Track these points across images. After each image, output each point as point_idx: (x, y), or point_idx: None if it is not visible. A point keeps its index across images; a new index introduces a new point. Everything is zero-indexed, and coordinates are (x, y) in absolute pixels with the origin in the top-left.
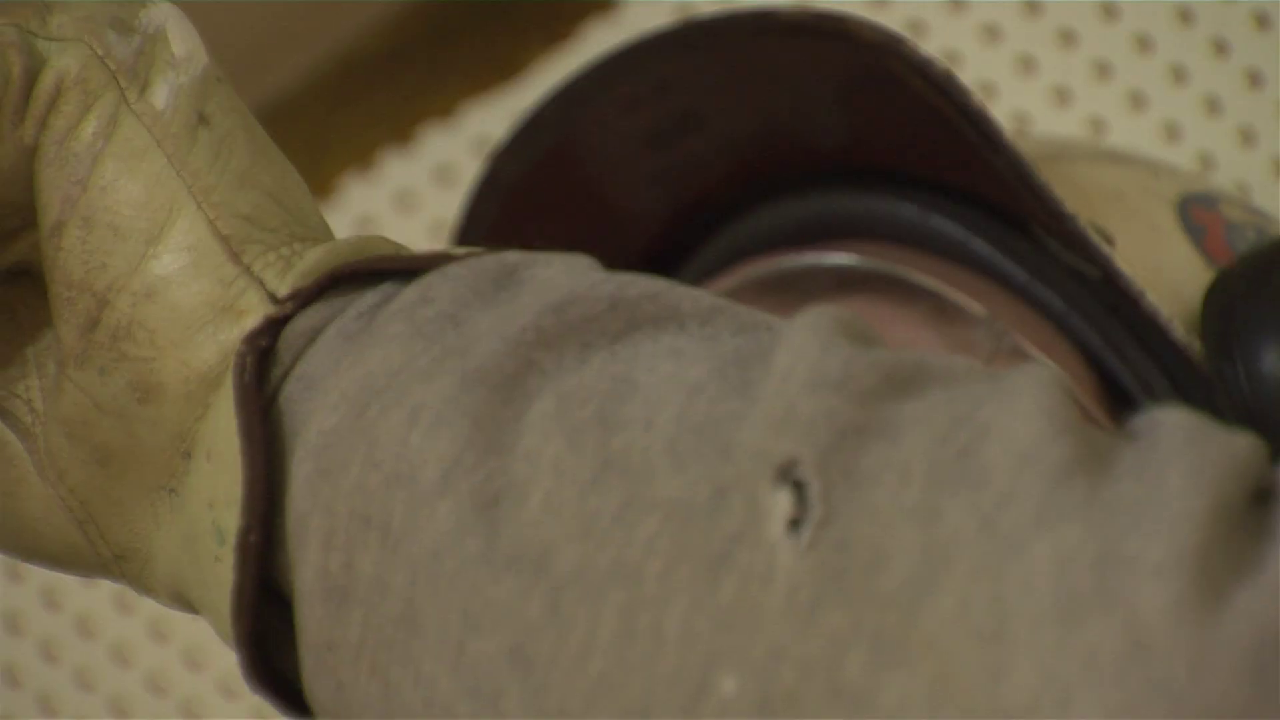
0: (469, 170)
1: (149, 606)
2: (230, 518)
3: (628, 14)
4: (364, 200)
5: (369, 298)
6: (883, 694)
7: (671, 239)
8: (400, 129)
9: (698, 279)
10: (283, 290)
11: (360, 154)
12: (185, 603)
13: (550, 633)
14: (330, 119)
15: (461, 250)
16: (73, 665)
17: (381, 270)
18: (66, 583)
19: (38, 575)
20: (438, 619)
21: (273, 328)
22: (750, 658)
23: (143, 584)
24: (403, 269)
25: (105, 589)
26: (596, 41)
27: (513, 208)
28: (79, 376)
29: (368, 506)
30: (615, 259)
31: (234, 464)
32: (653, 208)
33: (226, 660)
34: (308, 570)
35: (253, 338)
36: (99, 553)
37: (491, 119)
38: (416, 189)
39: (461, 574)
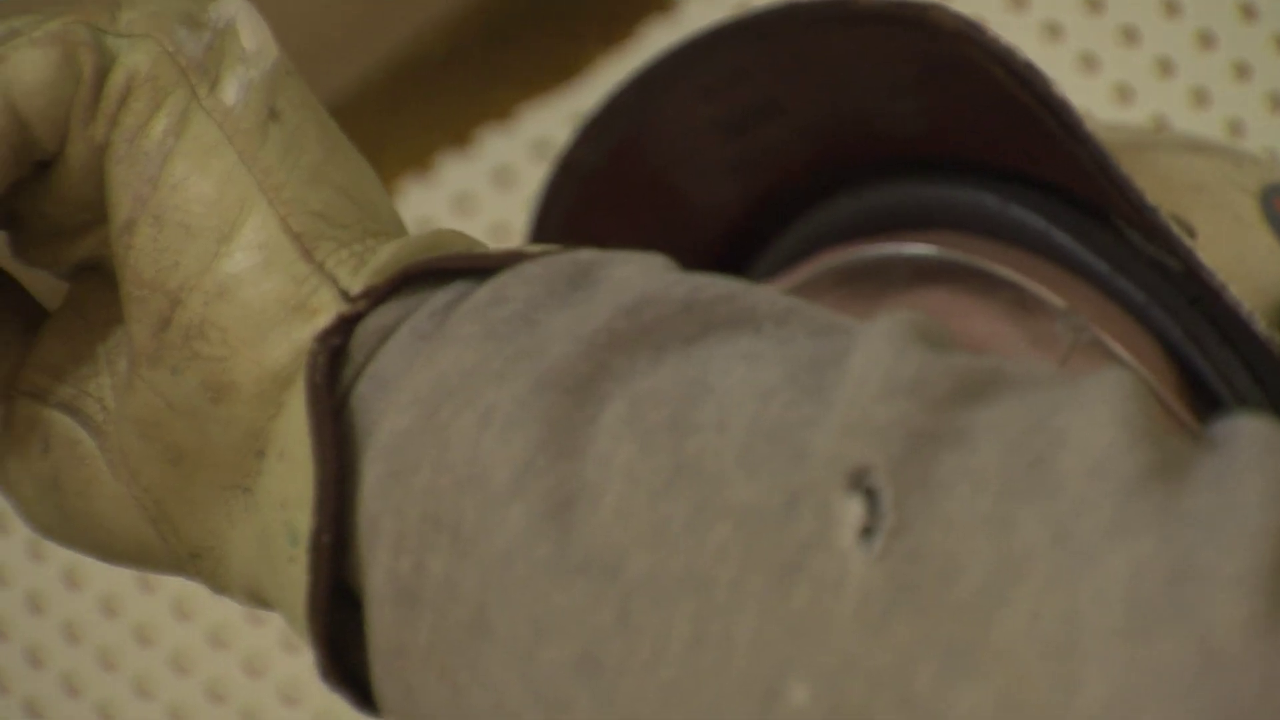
0: (528, 172)
1: (206, 614)
2: (303, 518)
3: (686, 14)
4: (422, 203)
5: (442, 296)
6: (952, 706)
7: (747, 229)
8: (458, 132)
9: (773, 270)
10: (355, 288)
11: (418, 157)
12: (261, 601)
13: (620, 640)
14: (388, 122)
15: (536, 248)
16: (133, 673)
17: (455, 269)
18: (124, 589)
19: (100, 583)
20: (507, 624)
21: (345, 326)
22: (821, 667)
23: (217, 582)
24: (477, 268)
25: (164, 599)
26: (655, 42)
27: (588, 197)
28: (151, 376)
29: (438, 509)
30: (690, 250)
31: (306, 464)
32: (728, 198)
33: (286, 666)
34: (378, 572)
35: (325, 336)
36: (173, 551)
37: (550, 121)
38: (475, 192)
39: (532, 579)
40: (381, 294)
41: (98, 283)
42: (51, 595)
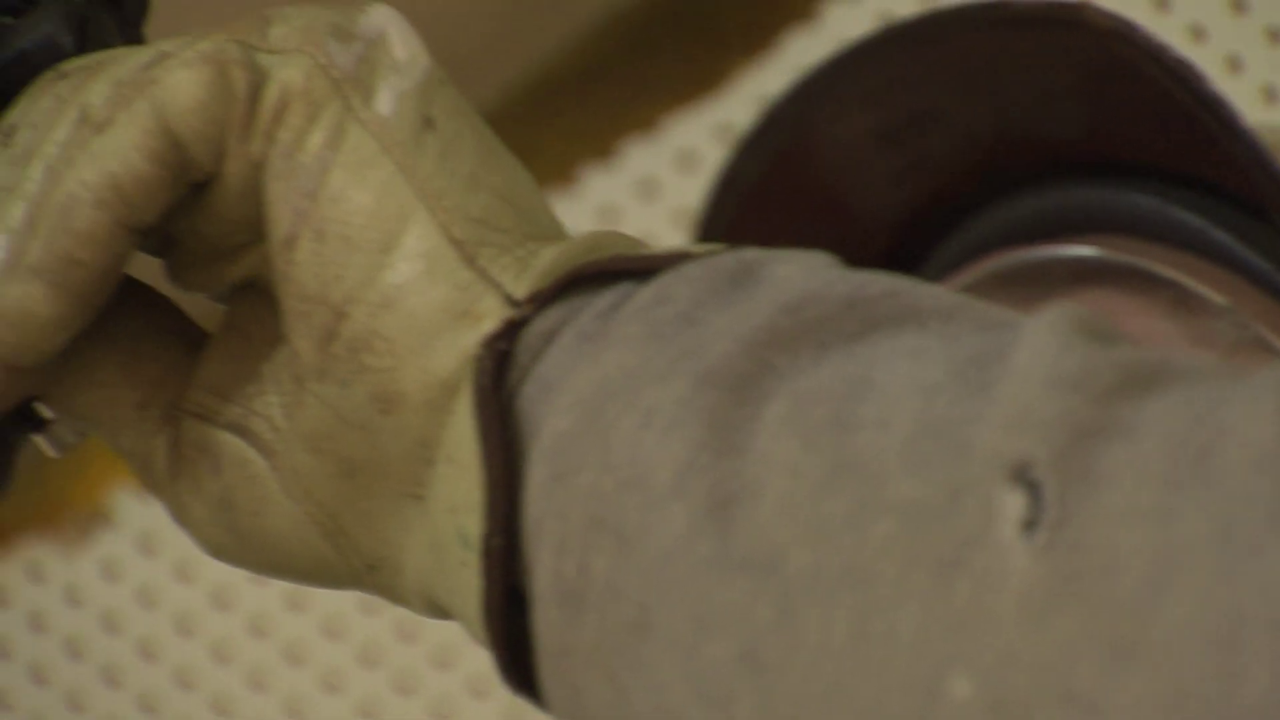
0: (671, 184)
1: (395, 608)
2: (473, 522)
3: (828, 22)
4: (565, 216)
5: (606, 298)
6: (1114, 699)
7: (908, 238)
8: (601, 144)
9: (935, 276)
10: (520, 292)
11: (561, 169)
12: (437, 608)
13: (782, 636)
14: (531, 134)
15: (701, 248)
16: (321, 666)
17: (619, 270)
18: (273, 609)
19: (250, 603)
20: (669, 623)
21: (511, 331)
22: (983, 661)
23: (394, 593)
24: (640, 268)
25: (313, 620)
26: (797, 51)
27: (750, 207)
28: (320, 390)
29: (601, 510)
30: (852, 259)
31: (474, 468)
32: (889, 207)
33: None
34: (542, 574)
35: (491, 341)
36: (350, 565)
37: (693, 131)
38: (618, 204)
39: (693, 576)
40: (546, 297)
41: (256, 302)
42: (201, 616)
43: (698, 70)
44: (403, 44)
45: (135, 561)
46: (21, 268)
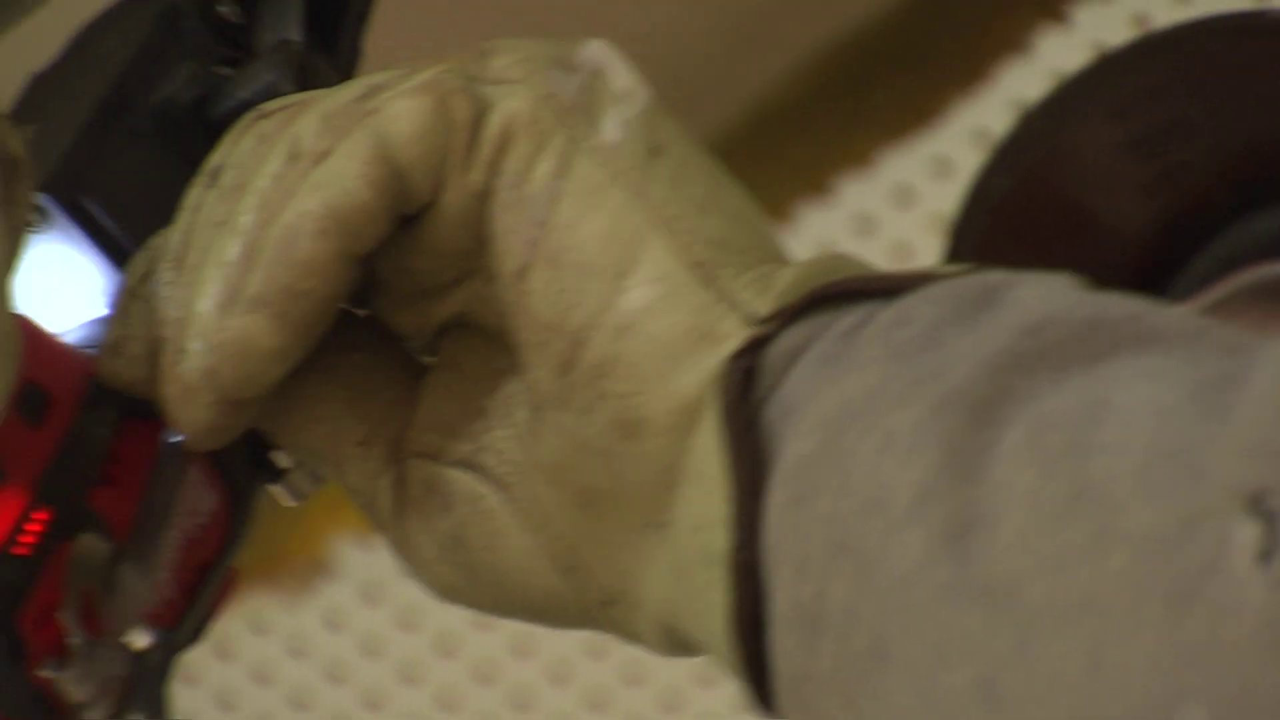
0: (887, 218)
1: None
2: (718, 539)
3: (1041, 53)
4: None
5: (848, 319)
6: None
7: (1159, 250)
8: (816, 179)
9: (1188, 291)
10: (762, 311)
11: (778, 205)
12: (678, 641)
13: (1019, 666)
14: (747, 171)
15: (945, 269)
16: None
17: (861, 290)
18: (499, 656)
19: (475, 651)
20: (907, 650)
21: (755, 347)
22: (1218, 693)
23: (628, 629)
24: (883, 289)
25: (538, 665)
26: (1011, 81)
27: (1000, 224)
28: (559, 419)
29: (841, 535)
30: (1101, 274)
31: (719, 484)
32: (1140, 220)
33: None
34: (782, 598)
35: (737, 357)
36: (583, 599)
37: (908, 165)
38: (835, 239)
39: (931, 604)
40: (791, 316)
41: (467, 340)
42: (426, 663)
43: (911, 103)
44: (622, 76)
45: (358, 611)
46: (242, 300)
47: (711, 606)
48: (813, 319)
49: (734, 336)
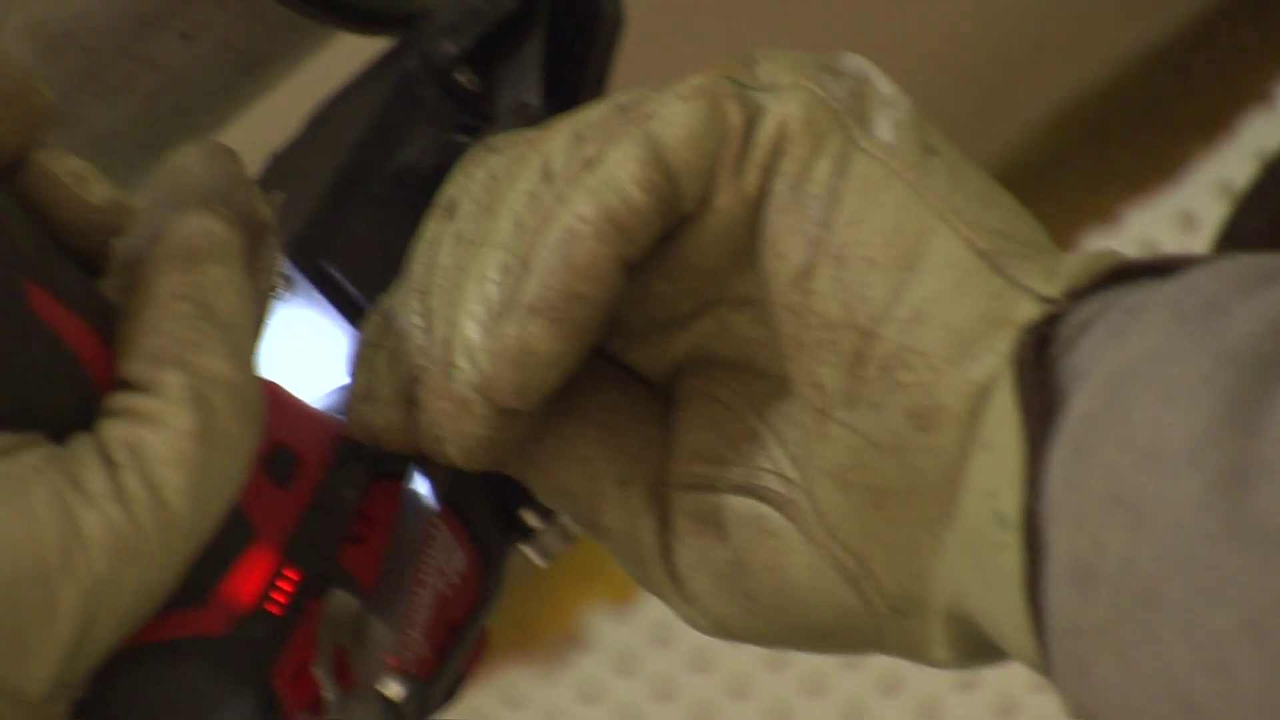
0: None
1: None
2: (1010, 500)
3: None
4: None
5: (1134, 295)
6: None
7: None
8: (1062, 237)
9: None
10: (1053, 294)
11: None
12: (969, 638)
13: None
14: None
15: (1226, 256)
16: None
17: (1149, 268)
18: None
19: (767, 692)
20: (1177, 593)
21: (1049, 321)
22: None
23: (919, 639)
24: (1170, 268)
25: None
26: (1253, 132)
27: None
28: (850, 418)
29: (1119, 486)
30: None
31: (1011, 446)
32: None
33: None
34: (1059, 552)
35: (1033, 327)
36: (874, 610)
37: (1153, 221)
38: None
39: (1203, 547)
40: (1081, 294)
41: (710, 372)
42: (719, 707)
43: (1153, 158)
44: (885, 83)
45: (612, 682)
46: (519, 307)
47: (1005, 574)
48: (1101, 296)
49: (1028, 320)
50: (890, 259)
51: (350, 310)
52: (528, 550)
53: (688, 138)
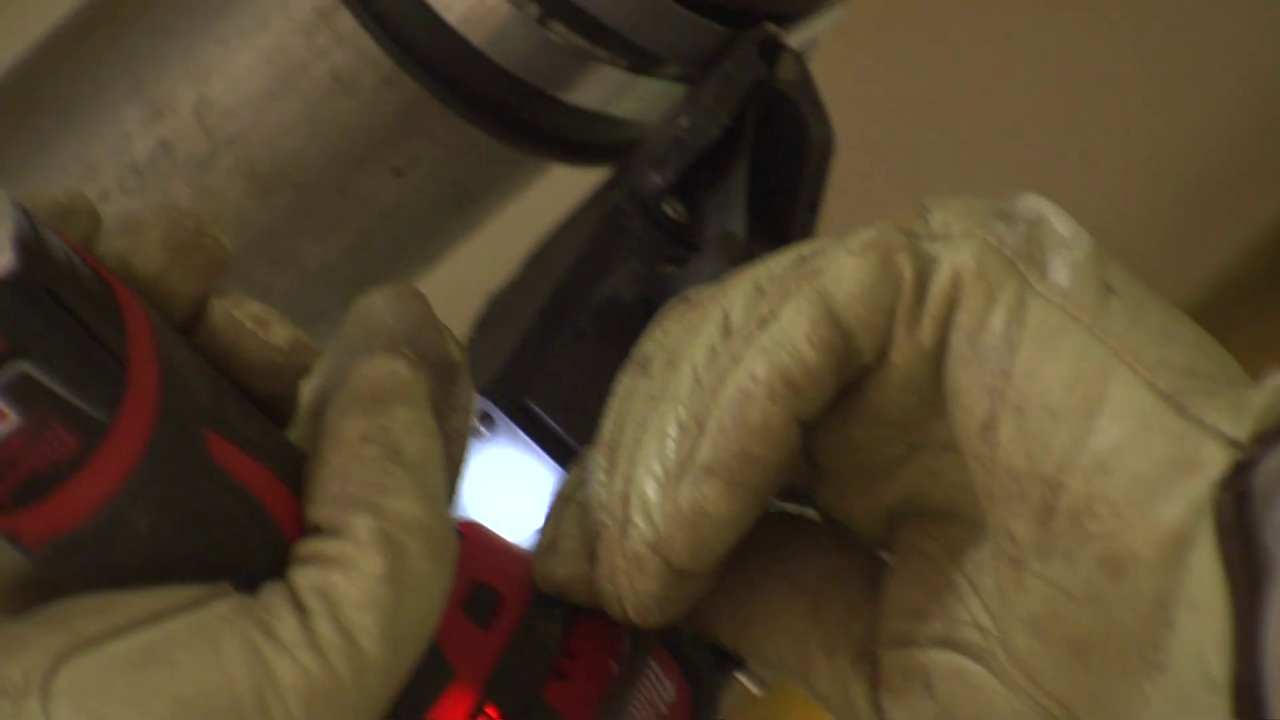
0: None
1: None
2: (1219, 663)
3: None
4: None
5: None
6: None
7: None
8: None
9: None
10: (1240, 434)
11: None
12: None
13: None
14: None
15: None
16: None
17: None
18: None
19: None
20: None
21: (1242, 472)
22: None
23: None
24: None
25: None
26: None
27: None
28: (1043, 569)
29: None
30: None
31: (1219, 607)
32: None
33: None
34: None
35: (1227, 484)
36: None
37: None
38: None
39: None
40: (1273, 436)
41: (918, 523)
42: None
43: None
44: (1064, 221)
45: None
46: (694, 468)
47: None
48: None
49: (1216, 462)
50: (1070, 408)
51: (554, 446)
52: (743, 679)
53: (860, 293)
